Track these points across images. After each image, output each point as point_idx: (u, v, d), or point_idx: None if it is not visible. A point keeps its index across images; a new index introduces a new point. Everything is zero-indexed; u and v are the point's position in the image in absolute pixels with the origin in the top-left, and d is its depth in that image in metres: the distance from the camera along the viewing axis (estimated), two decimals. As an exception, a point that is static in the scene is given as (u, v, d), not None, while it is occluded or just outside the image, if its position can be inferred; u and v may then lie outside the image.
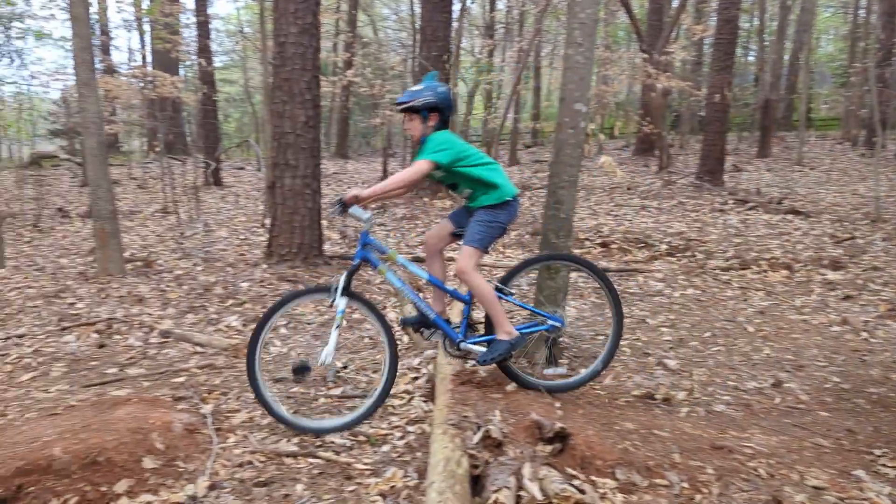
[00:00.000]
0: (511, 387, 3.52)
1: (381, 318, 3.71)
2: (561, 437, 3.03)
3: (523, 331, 3.73)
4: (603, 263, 7.80)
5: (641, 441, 3.20)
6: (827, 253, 7.96)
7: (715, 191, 12.22)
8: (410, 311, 4.60)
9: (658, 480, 2.94)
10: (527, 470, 2.87)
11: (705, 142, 13.33)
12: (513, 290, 3.79)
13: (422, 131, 3.72)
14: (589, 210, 11.13)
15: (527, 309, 4.07)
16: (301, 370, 3.74)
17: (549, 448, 3.01)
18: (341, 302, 3.61)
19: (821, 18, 27.60)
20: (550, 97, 26.38)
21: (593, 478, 2.93)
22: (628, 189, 13.16)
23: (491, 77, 22.32)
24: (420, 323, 3.87)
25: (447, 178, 3.75)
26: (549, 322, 3.86)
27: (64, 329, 5.46)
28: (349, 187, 12.20)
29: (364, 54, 20.09)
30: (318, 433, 3.64)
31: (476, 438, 3.02)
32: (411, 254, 7.83)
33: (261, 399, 3.66)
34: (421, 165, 3.58)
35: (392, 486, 3.11)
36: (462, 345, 3.71)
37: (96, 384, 4.42)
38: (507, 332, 3.60)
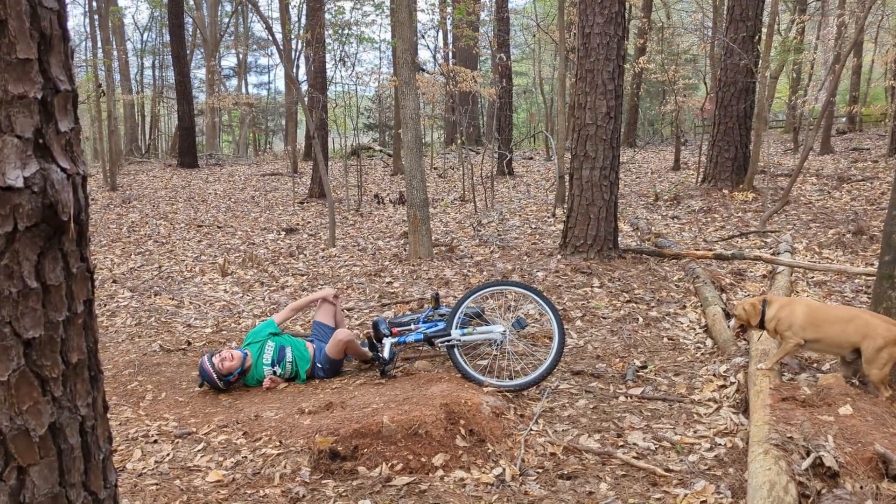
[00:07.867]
0: (845, 410, 3.12)
1: None
2: (914, 477, 2.61)
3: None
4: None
5: None
6: None
7: None
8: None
9: None
10: (870, 509, 2.53)
11: None
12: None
13: None
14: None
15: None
16: None
17: (897, 487, 2.62)
18: None
19: None
20: (873, 75, 22.95)
21: (958, 532, 2.48)
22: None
23: (801, 56, 20.09)
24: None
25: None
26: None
27: (384, 306, 6.08)
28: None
29: (658, 39, 19.33)
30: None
31: (805, 464, 2.73)
32: (710, 249, 7.35)
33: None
34: None
35: (703, 502, 2.95)
36: None
37: (409, 358, 4.87)
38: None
